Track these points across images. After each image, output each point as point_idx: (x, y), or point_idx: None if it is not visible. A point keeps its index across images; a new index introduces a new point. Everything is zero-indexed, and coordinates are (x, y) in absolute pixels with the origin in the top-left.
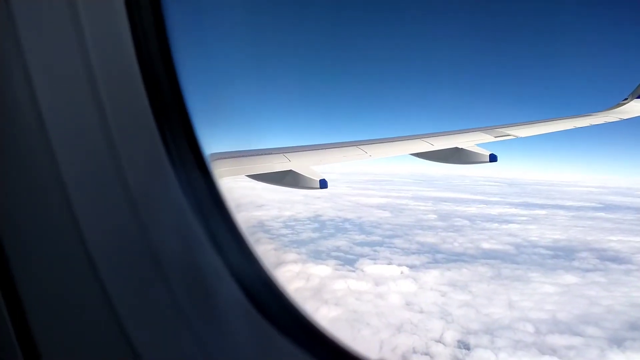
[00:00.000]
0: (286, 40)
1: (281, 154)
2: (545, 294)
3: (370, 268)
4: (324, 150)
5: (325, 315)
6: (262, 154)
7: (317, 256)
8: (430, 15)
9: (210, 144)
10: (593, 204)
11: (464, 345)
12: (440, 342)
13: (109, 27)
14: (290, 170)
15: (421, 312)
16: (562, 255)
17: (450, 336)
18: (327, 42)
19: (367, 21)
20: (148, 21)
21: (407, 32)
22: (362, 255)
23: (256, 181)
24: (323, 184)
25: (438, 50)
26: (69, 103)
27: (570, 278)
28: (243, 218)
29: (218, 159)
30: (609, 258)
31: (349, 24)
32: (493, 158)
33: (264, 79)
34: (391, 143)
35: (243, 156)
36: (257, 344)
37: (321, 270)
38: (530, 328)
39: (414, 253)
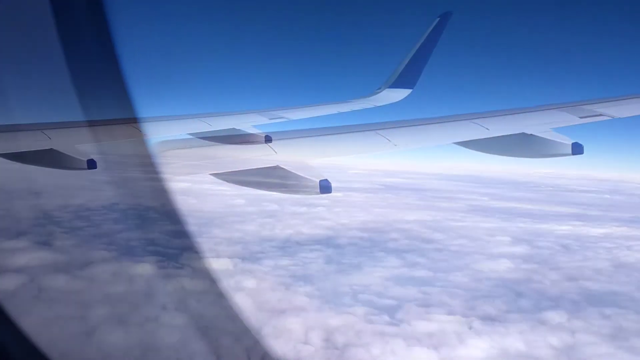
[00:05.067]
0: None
1: (267, 145)
2: None
3: (420, 323)
4: (325, 137)
5: None
6: (239, 143)
7: (337, 300)
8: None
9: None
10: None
11: None
12: None
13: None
14: (277, 167)
15: None
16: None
17: None
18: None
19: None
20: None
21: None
22: (407, 300)
23: (227, 182)
24: (325, 187)
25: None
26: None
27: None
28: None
29: (170, 148)
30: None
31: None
32: (577, 149)
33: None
34: (426, 127)
35: (205, 145)
36: None
37: (345, 322)
38: None
39: (478, 297)
